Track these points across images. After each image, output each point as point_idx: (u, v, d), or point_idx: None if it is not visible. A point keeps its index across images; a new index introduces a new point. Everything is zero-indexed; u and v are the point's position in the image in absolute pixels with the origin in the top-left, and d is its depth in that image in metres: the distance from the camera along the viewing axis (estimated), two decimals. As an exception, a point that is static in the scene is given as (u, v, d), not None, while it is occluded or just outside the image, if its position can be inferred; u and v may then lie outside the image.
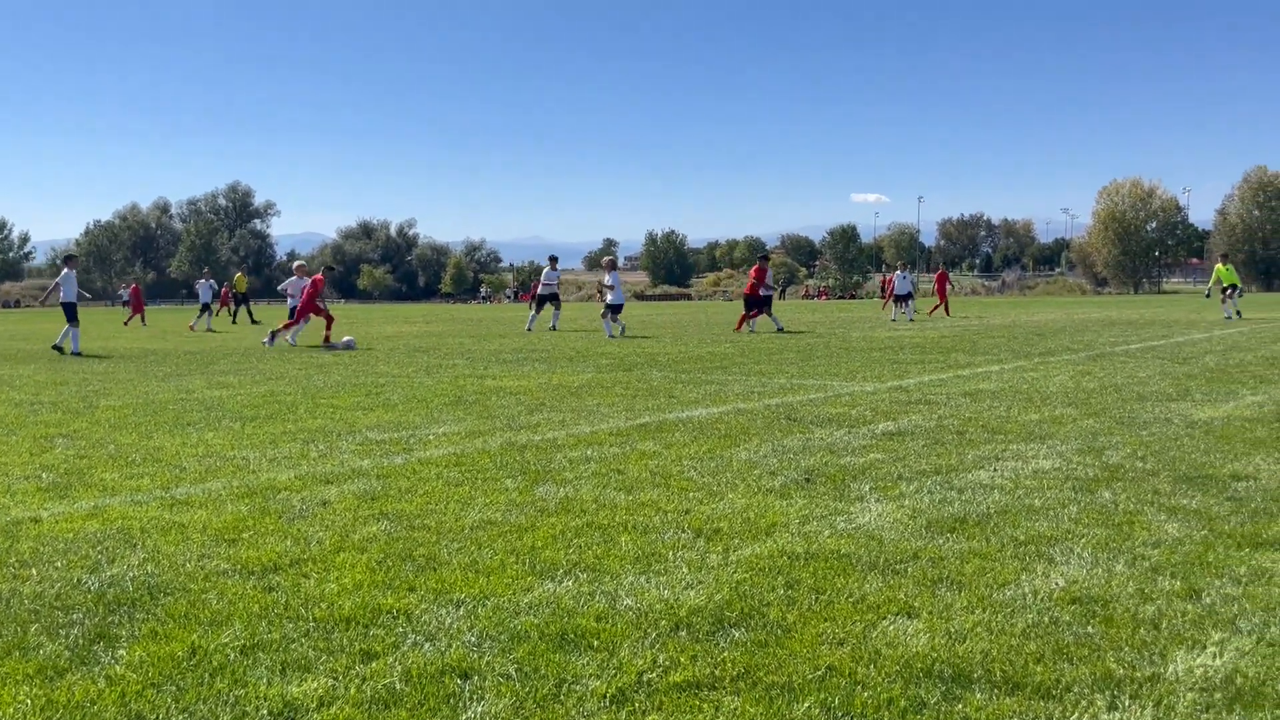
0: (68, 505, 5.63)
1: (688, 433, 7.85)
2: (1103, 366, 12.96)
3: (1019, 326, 24.28)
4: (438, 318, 41.35)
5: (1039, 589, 3.95)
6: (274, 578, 4.23)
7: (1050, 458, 6.59)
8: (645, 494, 5.68)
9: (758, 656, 3.33)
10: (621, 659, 3.32)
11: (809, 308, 50.59)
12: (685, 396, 10.31)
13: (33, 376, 14.00)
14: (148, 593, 4.05)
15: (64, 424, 8.95)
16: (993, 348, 16.77)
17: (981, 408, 9.05)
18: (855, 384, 11.33)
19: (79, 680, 3.20)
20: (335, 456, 7.07)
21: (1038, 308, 42.40)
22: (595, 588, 4.03)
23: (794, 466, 6.42)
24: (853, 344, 18.36)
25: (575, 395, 10.54)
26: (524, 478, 6.19)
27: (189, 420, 9.07)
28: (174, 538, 4.88)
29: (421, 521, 5.13)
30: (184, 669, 3.28)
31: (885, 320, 29.49)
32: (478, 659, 3.33)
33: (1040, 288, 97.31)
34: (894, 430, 7.82)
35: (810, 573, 4.18)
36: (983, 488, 5.72)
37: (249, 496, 5.77)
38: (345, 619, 3.71)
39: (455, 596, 3.95)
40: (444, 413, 9.29)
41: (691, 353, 16.64)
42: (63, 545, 4.78)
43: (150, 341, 22.72)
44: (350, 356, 16.94)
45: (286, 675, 3.22)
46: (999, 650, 3.35)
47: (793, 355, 15.81)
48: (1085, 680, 3.11)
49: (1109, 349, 16.16)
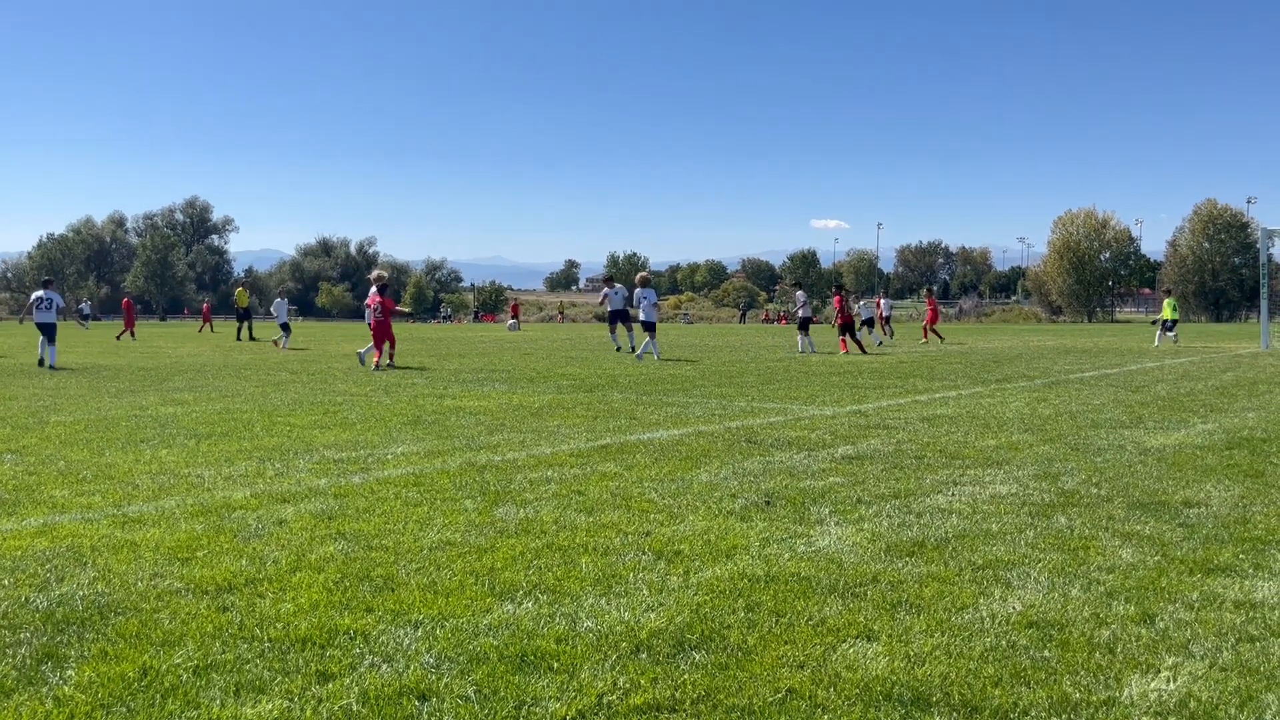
0: (15, 523, 5.51)
1: (649, 454, 7.85)
2: (1058, 394, 13.14)
3: (976, 353, 24.58)
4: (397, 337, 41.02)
5: (996, 613, 3.98)
6: (228, 597, 4.16)
7: (1007, 483, 6.66)
8: (606, 515, 5.66)
9: (718, 679, 3.32)
10: (582, 681, 3.30)
11: (769, 331, 50.88)
12: (646, 418, 10.31)
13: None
14: (98, 612, 3.97)
15: (12, 440, 8.77)
16: (950, 374, 16.95)
17: (939, 433, 9.14)
18: (815, 408, 11.40)
19: (26, 700, 3.12)
20: (292, 475, 6.98)
21: (994, 335, 42.97)
22: (555, 609, 4.01)
23: (754, 489, 6.44)
24: (812, 368, 18.48)
25: (536, 416, 10.51)
26: (483, 498, 6.15)
27: (142, 437, 8.92)
28: (126, 556, 4.79)
29: (379, 541, 5.07)
30: (135, 690, 3.21)
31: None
32: (436, 680, 3.29)
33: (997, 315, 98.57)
34: (853, 454, 7.87)
35: (770, 595, 4.19)
36: (941, 512, 5.77)
37: (203, 515, 5.68)
38: (301, 639, 3.65)
39: (413, 617, 3.90)
40: (402, 432, 9.21)
41: (652, 374, 16.66)
42: (10, 563, 4.67)
43: (141, 358, 22.33)
44: (308, 375, 16.76)
45: (241, 697, 3.16)
46: (957, 673, 3.37)
47: (753, 378, 15.88)
48: (1042, 704, 3.14)
49: (1064, 376, 16.40)
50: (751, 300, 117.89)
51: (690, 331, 51.82)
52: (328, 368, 18.64)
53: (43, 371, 17.66)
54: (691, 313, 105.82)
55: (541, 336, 40.69)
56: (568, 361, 20.65)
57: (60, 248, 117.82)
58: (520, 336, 40.14)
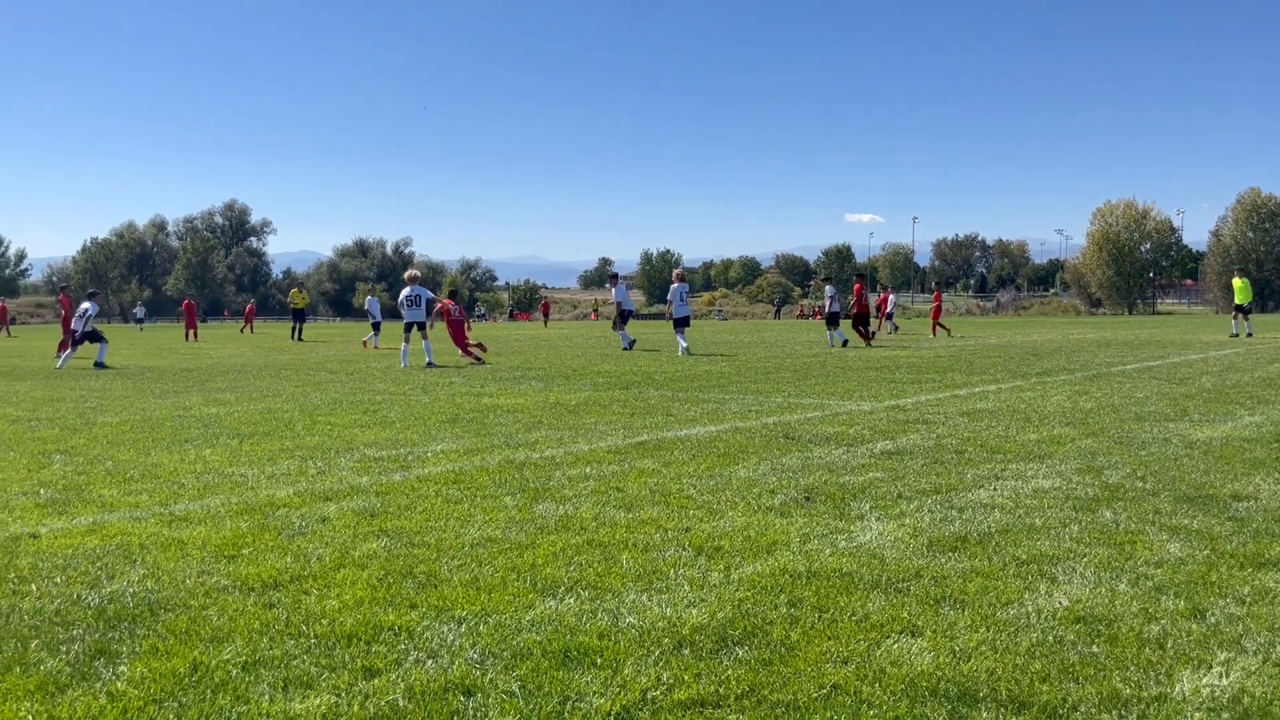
0: (66, 521, 5.61)
1: (686, 451, 7.84)
2: (1100, 387, 12.98)
3: (1015, 346, 24.32)
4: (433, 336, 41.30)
5: (1042, 608, 3.94)
6: (274, 594, 4.21)
7: (1050, 477, 6.59)
8: (645, 512, 5.67)
9: (762, 675, 3.31)
10: (625, 676, 3.30)
11: (804, 326, 50.65)
12: (683, 415, 10.30)
13: (29, 393, 13.97)
14: (148, 609, 4.03)
15: (61, 440, 8.93)
16: (989, 368, 16.79)
17: (979, 427, 9.05)
18: (852, 403, 11.34)
19: (80, 696, 3.18)
20: (334, 473, 7.05)
21: (1033, 328, 42.49)
22: (597, 605, 4.02)
23: (793, 485, 6.41)
24: (849, 363, 18.37)
25: (573, 413, 10.53)
26: (523, 495, 6.18)
27: (187, 437, 9.04)
28: (173, 554, 4.86)
29: (421, 538, 5.11)
30: (185, 685, 3.26)
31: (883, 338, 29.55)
32: (481, 676, 3.31)
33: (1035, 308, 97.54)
34: (892, 449, 7.81)
35: (813, 591, 4.17)
36: (983, 507, 5.72)
37: (248, 513, 5.75)
38: (347, 636, 3.69)
39: (457, 614, 3.93)
40: (441, 430, 9.27)
41: (688, 371, 16.64)
42: (62, 561, 4.75)
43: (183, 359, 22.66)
44: (346, 374, 16.92)
45: (289, 692, 3.20)
46: (1004, 669, 3.34)
47: (789, 374, 15.82)
48: (1092, 700, 3.10)
49: (1105, 369, 16.19)
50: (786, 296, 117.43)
51: (724, 328, 51.73)
52: (366, 367, 18.80)
53: (90, 373, 17.96)
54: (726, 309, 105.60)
55: (576, 334, 40.79)
56: (602, 359, 20.68)
57: (104, 252, 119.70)
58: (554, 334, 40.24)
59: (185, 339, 37.43)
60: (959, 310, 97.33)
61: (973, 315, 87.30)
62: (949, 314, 66.37)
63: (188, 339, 37.23)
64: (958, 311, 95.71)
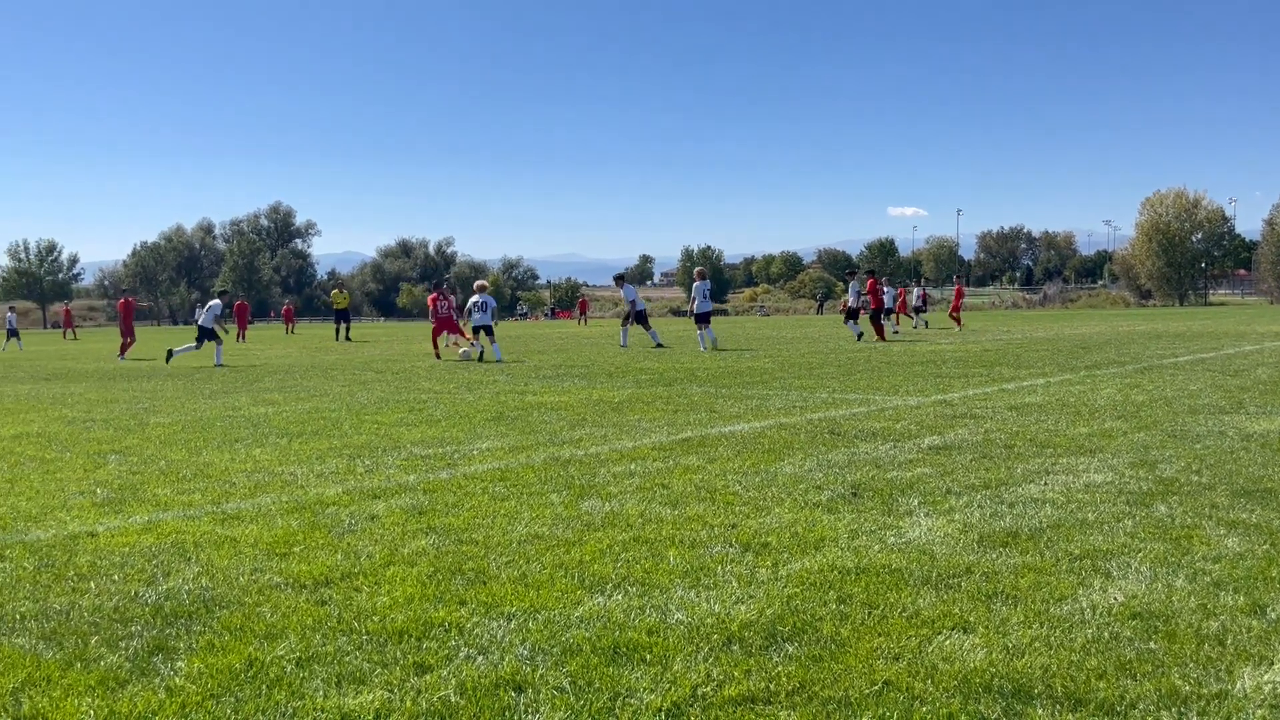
0: (122, 520, 5.71)
1: (731, 447, 7.82)
2: (1151, 379, 12.76)
3: (1062, 339, 23.99)
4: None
5: (1097, 604, 3.88)
6: (326, 591, 4.26)
7: (1102, 471, 6.49)
8: (691, 508, 5.66)
9: (812, 671, 3.30)
10: (675, 673, 3.30)
11: (848, 322, 50.23)
12: (726, 411, 10.28)
13: (84, 395, 14.26)
14: (203, 605, 4.10)
15: (116, 441, 9.10)
16: (1037, 361, 16.57)
17: (1028, 421, 8.94)
18: (898, 398, 11.24)
19: (140, 691, 3.24)
20: (381, 472, 7.12)
21: (1081, 320, 41.87)
22: (645, 601, 4.02)
23: (840, 481, 6.37)
24: (894, 358, 18.22)
25: (616, 410, 10.55)
26: (569, 492, 6.19)
27: (237, 437, 9.18)
28: (226, 551, 4.94)
29: (469, 535, 5.14)
30: (242, 681, 3.31)
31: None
32: (531, 672, 3.33)
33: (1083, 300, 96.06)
34: (940, 444, 7.74)
35: (862, 587, 4.14)
36: (1034, 502, 5.64)
37: (298, 511, 5.82)
38: (398, 632, 3.72)
39: (506, 610, 3.95)
40: (486, 428, 9.33)
41: (730, 367, 16.60)
42: (119, 559, 4.85)
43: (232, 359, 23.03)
44: (392, 374, 17.07)
45: (342, 688, 3.24)
46: (1059, 665, 3.29)
47: (833, 370, 15.72)
48: (1150, 697, 3.05)
49: (1157, 361, 15.91)
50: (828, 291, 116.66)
51: (767, 324, 51.51)
52: (411, 366, 18.96)
53: (143, 374, 18.29)
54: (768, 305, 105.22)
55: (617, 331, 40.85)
56: (645, 356, 20.69)
57: (153, 255, 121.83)
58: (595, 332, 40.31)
59: (235, 340, 38.06)
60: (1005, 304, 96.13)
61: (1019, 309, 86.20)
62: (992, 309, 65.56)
63: (237, 340, 37.84)
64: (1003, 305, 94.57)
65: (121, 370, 20.01)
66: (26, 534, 5.42)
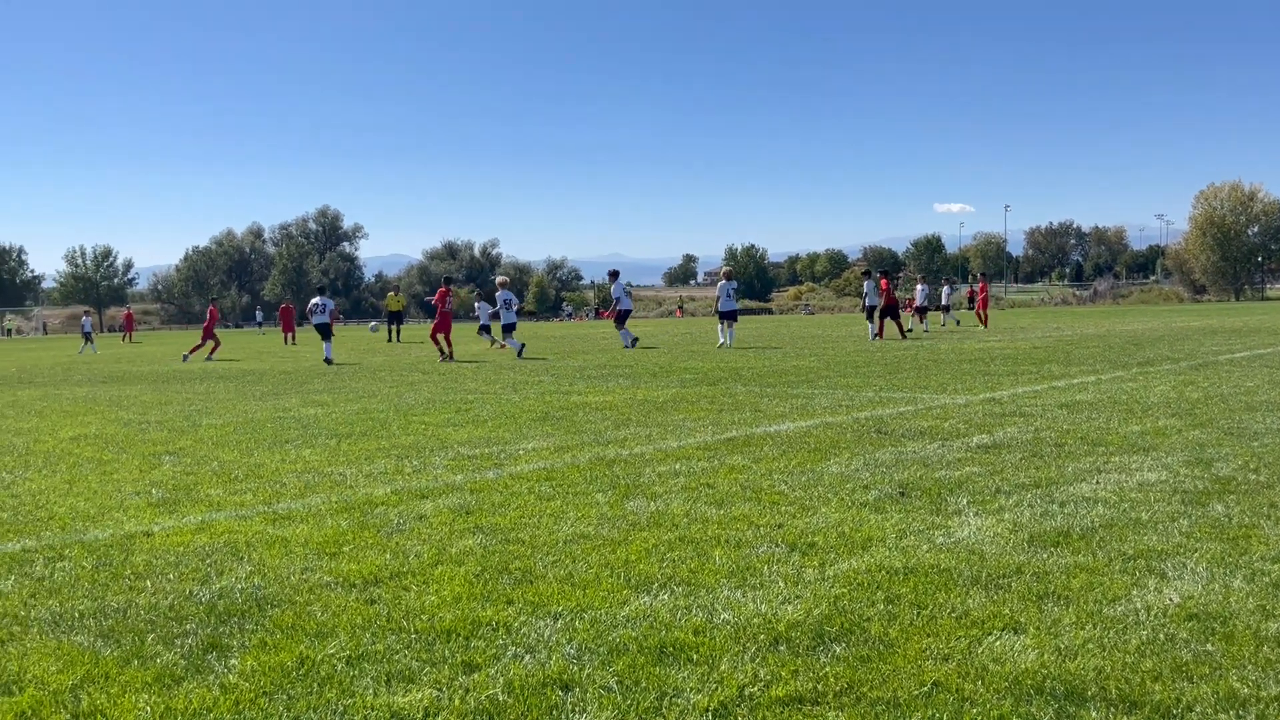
0: (177, 520, 5.82)
1: (776, 447, 7.79)
2: (1206, 376, 12.51)
3: (1114, 336, 23.60)
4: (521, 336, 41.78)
5: (1152, 605, 3.81)
6: (375, 590, 4.31)
7: (1156, 470, 6.37)
8: (737, 508, 5.65)
9: (860, 672, 3.27)
10: (722, 672, 3.30)
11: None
12: (771, 410, 10.23)
13: (139, 397, 14.54)
14: (255, 604, 4.16)
15: (170, 442, 9.27)
16: (1087, 358, 16.32)
17: (1079, 419, 8.80)
18: (946, 396, 11.13)
19: (195, 688, 3.29)
20: (429, 472, 7.18)
21: (1133, 317, 41.17)
22: (691, 601, 4.02)
23: (887, 480, 6.32)
24: (941, 356, 18.04)
25: (660, 410, 10.55)
26: (614, 492, 6.21)
27: (287, 438, 9.31)
28: (278, 551, 5.01)
29: (516, 535, 5.17)
30: (294, 679, 3.35)
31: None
32: (578, 671, 3.34)
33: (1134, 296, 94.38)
34: (989, 443, 7.65)
35: (910, 587, 4.11)
36: (1086, 501, 5.56)
37: (347, 511, 5.89)
38: (446, 631, 3.75)
39: (553, 609, 3.97)
40: (532, 428, 9.37)
41: (775, 366, 16.53)
42: (174, 558, 4.94)
43: (282, 362, 23.40)
44: (438, 374, 17.22)
45: (392, 686, 3.27)
46: (1113, 667, 3.24)
47: (879, 368, 15.60)
48: (1207, 699, 2.99)
49: (1212, 358, 15.59)
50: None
51: (812, 322, 51.25)
52: (457, 367, 19.11)
53: (195, 377, 18.62)
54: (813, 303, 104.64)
55: (660, 331, 40.85)
56: (689, 356, 20.67)
57: (205, 259, 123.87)
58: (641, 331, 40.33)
59: (284, 343, 38.62)
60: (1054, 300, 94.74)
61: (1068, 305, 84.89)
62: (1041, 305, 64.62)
63: (286, 342, 38.39)
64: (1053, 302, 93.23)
65: (174, 373, 20.39)
66: (85, 534, 5.54)
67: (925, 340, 24.36)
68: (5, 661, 3.59)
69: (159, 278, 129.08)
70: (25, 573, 4.75)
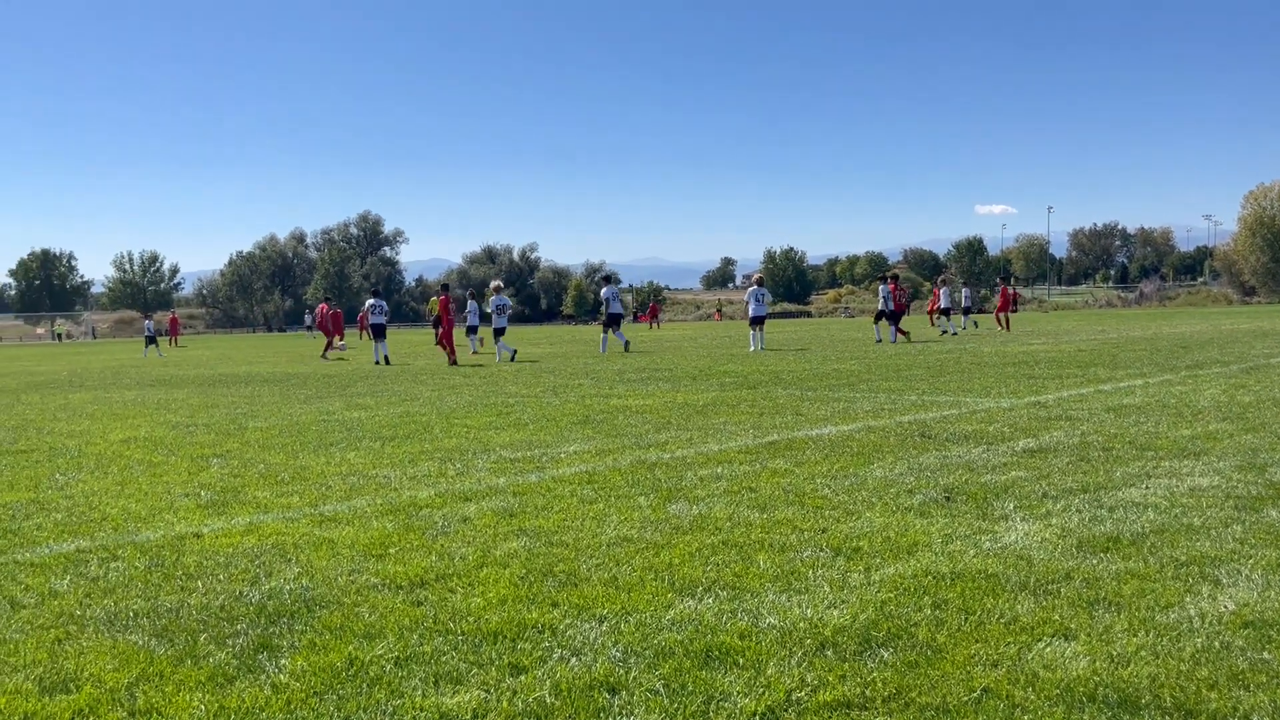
0: (225, 521, 5.90)
1: (819, 451, 7.75)
2: (1258, 379, 12.27)
3: (1161, 339, 23.23)
4: (560, 339, 41.94)
5: (1206, 612, 3.75)
6: (421, 592, 4.34)
7: (1207, 475, 6.26)
8: (780, 512, 5.63)
9: (908, 677, 3.25)
10: (769, 677, 3.29)
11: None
12: (813, 414, 10.19)
13: (186, 400, 14.77)
14: (304, 605, 4.21)
15: (217, 445, 9.40)
16: (1135, 361, 16.08)
17: (1128, 423, 8.68)
18: (990, 400, 11.02)
19: (247, 688, 3.34)
20: (472, 474, 7.23)
21: (1180, 319, 40.50)
22: (736, 605, 4.01)
23: (932, 484, 6.27)
24: (985, 359, 17.86)
25: (701, 413, 10.54)
26: (656, 495, 6.21)
27: (332, 440, 9.41)
28: (325, 553, 5.07)
29: (559, 538, 5.19)
30: (343, 679, 3.39)
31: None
32: (624, 674, 3.35)
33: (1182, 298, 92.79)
34: (1035, 447, 7.56)
35: (957, 593, 4.07)
36: (1135, 506, 5.48)
37: (393, 513, 5.94)
38: (493, 633, 3.78)
39: (598, 612, 3.98)
40: (573, 431, 9.40)
41: (815, 370, 16.45)
42: (223, 559, 5.01)
43: (326, 366, 23.70)
44: (479, 378, 17.32)
45: (440, 687, 3.30)
46: (1167, 675, 3.19)
47: (921, 371, 15.47)
48: (1264, 708, 2.94)
49: (1263, 360, 15.30)
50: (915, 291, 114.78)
51: (852, 325, 50.94)
52: (498, 371, 19.21)
53: (239, 381, 18.88)
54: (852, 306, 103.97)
55: (699, 334, 40.80)
56: (728, 359, 20.63)
57: (248, 264, 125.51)
58: (677, 334, 40.31)
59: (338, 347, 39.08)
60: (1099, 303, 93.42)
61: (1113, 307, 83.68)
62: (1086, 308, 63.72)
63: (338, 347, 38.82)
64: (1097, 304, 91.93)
65: (220, 377, 20.67)
66: (137, 534, 5.64)
67: (966, 342, 24.12)
68: (63, 660, 3.66)
69: (204, 282, 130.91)
70: (81, 573, 4.84)
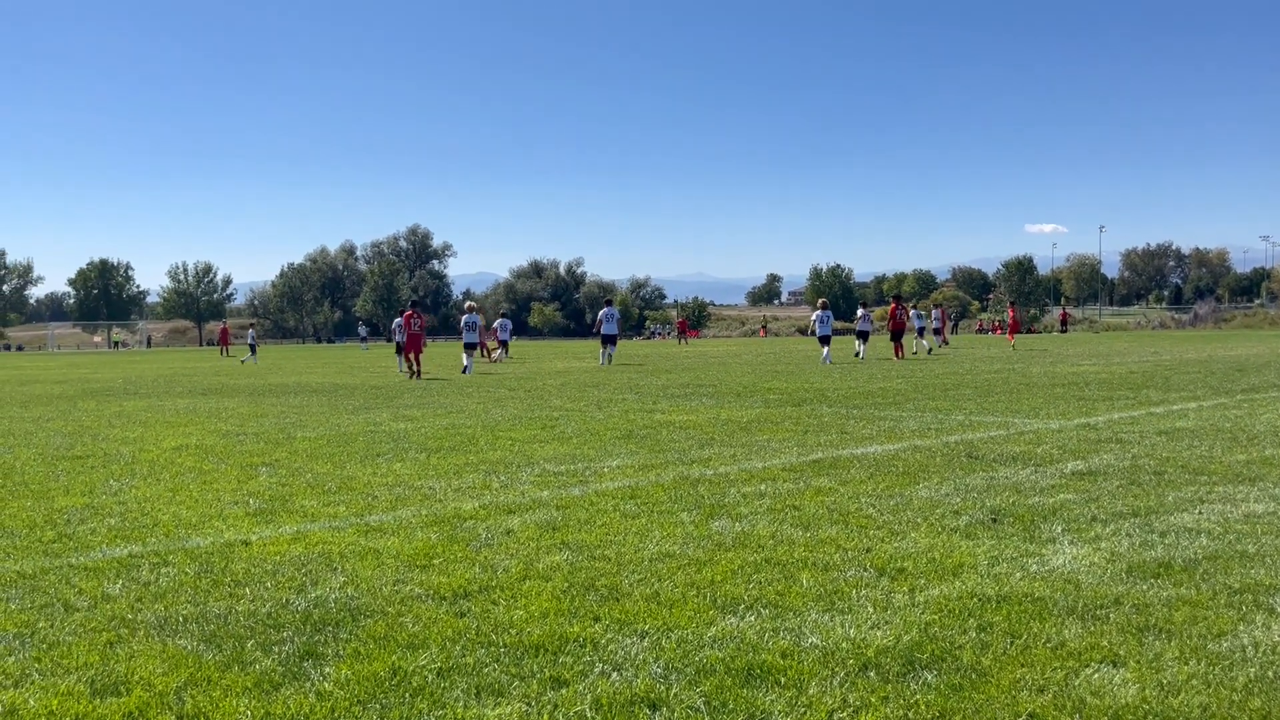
0: (273, 530, 5.99)
1: (863, 469, 7.70)
2: (1316, 404, 11.99)
3: (1216, 361, 22.78)
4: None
5: (1260, 641, 3.67)
6: (465, 603, 4.37)
7: (1263, 501, 6.13)
8: (823, 531, 5.60)
9: (952, 700, 3.21)
10: (810, 697, 3.27)
11: (984, 342, 48.90)
12: (858, 433, 10.12)
13: (236, 409, 15.00)
14: (349, 614, 4.25)
15: (266, 454, 9.54)
16: (1188, 384, 15.78)
17: (1180, 447, 8.52)
18: (1039, 421, 10.87)
19: (293, 695, 3.38)
20: (516, 487, 7.26)
21: (1236, 341, 39.68)
22: (778, 624, 3.99)
23: (979, 506, 6.20)
24: (1033, 379, 17.63)
25: (745, 430, 10.51)
26: (699, 511, 6.20)
27: (378, 451, 9.51)
28: (370, 563, 5.12)
29: (602, 552, 5.20)
30: (387, 689, 3.42)
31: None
32: (665, 691, 3.34)
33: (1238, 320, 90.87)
34: (1084, 469, 7.45)
35: (1003, 616, 4.02)
36: (1188, 531, 5.38)
37: (437, 525, 5.99)
38: (534, 646, 3.79)
39: (639, 627, 3.98)
40: (616, 446, 9.42)
41: (861, 388, 16.34)
42: (271, 567, 5.08)
43: (372, 377, 23.98)
44: (524, 391, 17.41)
45: (482, 699, 3.32)
46: (1219, 705, 3.12)
47: (969, 391, 15.31)
48: (1321, 742, 2.87)
49: (1322, 385, 14.94)
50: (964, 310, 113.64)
51: (898, 343, 50.45)
52: (542, 385, 19.31)
53: (289, 390, 19.15)
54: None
55: (744, 351, 40.69)
56: (773, 375, 20.56)
57: (299, 276, 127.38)
58: (722, 350, 40.24)
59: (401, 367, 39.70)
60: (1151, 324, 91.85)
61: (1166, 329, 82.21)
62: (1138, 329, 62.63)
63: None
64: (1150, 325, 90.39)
65: (269, 386, 20.98)
66: (187, 541, 5.73)
67: (1014, 362, 23.82)
68: (114, 663, 3.74)
69: (255, 293, 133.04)
70: (132, 577, 4.94)
